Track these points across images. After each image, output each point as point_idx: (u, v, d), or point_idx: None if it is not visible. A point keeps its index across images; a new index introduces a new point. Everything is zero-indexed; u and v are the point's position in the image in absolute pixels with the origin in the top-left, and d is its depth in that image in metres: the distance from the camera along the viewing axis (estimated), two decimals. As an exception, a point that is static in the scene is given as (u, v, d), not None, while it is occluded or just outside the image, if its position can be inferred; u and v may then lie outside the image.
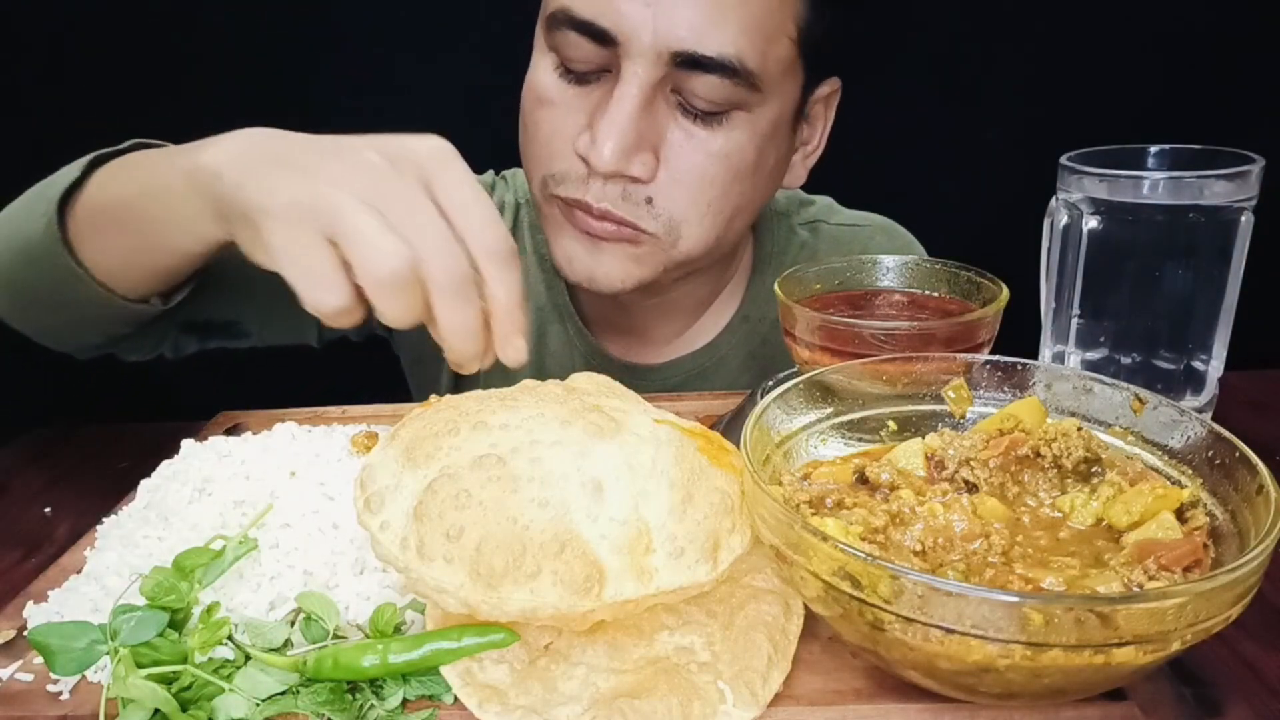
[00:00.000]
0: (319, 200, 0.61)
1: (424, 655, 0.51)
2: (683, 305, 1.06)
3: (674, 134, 0.84)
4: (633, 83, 0.80)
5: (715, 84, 0.81)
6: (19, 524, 0.77)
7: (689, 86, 0.82)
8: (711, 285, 1.06)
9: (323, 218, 0.61)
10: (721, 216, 0.89)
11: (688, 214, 0.87)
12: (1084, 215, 0.75)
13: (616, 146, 0.81)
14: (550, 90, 0.86)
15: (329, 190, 0.61)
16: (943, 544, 0.50)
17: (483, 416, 0.54)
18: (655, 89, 0.82)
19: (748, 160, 0.87)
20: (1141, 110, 1.45)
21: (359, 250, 0.60)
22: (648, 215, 0.87)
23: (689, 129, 0.84)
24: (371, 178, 0.63)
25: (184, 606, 0.56)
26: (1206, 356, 0.77)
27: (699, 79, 0.81)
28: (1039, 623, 0.41)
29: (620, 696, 0.48)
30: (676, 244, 0.89)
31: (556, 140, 0.87)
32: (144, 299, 0.84)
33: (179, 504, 0.65)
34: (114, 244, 0.80)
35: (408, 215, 0.61)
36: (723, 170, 0.86)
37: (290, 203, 0.62)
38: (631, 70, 0.80)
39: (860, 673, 0.52)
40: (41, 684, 0.55)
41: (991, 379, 0.63)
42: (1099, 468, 0.57)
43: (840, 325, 0.69)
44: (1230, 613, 0.43)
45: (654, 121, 0.83)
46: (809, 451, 0.62)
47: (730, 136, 0.85)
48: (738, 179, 0.88)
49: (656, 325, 1.07)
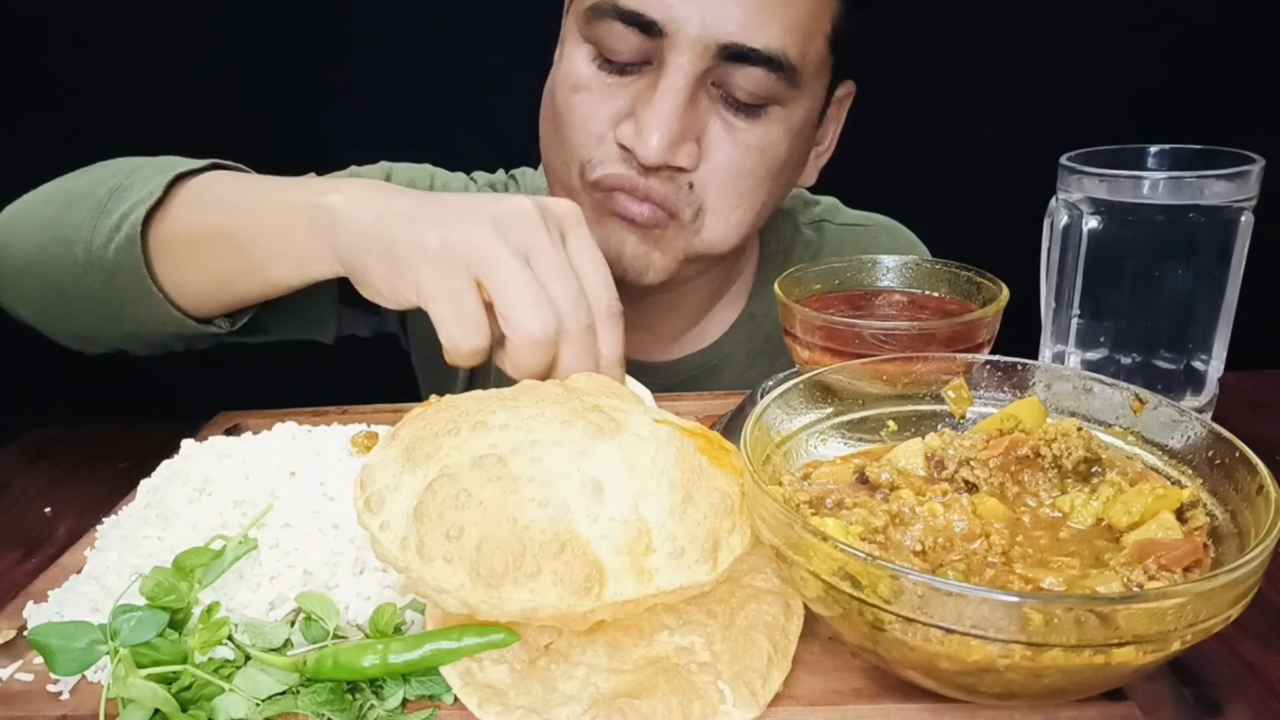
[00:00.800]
0: (474, 244, 0.66)
1: (424, 655, 0.51)
2: (691, 301, 1.06)
3: (715, 126, 0.85)
4: (679, 74, 0.81)
5: (759, 77, 0.82)
6: (19, 524, 0.77)
7: (732, 79, 0.83)
8: (719, 282, 1.07)
9: (476, 264, 0.66)
10: (750, 211, 0.91)
11: (718, 204, 0.88)
12: (1084, 215, 0.75)
13: (664, 138, 0.82)
14: (587, 78, 0.87)
15: (486, 235, 0.66)
16: (943, 544, 0.50)
17: (483, 416, 0.54)
18: (699, 81, 0.83)
19: (781, 155, 0.89)
20: (1141, 110, 1.45)
21: (513, 304, 0.65)
22: (685, 200, 0.88)
23: (730, 121, 0.86)
24: (524, 228, 0.67)
25: (184, 606, 0.56)
26: (1206, 356, 0.77)
27: (743, 71, 0.82)
28: (1039, 623, 0.41)
29: (620, 696, 0.48)
30: (700, 232, 0.90)
31: (594, 124, 0.87)
32: (210, 319, 0.85)
33: (179, 504, 0.65)
34: (201, 270, 0.81)
35: (554, 271, 0.67)
36: (759, 164, 0.88)
37: (444, 245, 0.66)
38: (678, 62, 0.81)
39: (860, 673, 0.52)
40: (41, 684, 0.55)
41: (991, 379, 0.63)
42: (1099, 468, 0.57)
43: (840, 325, 0.69)
44: (1230, 613, 0.43)
45: (697, 113, 0.85)
46: (809, 451, 0.62)
47: (768, 130, 0.87)
48: (770, 174, 0.89)
49: (665, 321, 1.07)
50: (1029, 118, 1.53)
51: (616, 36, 0.83)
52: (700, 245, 0.91)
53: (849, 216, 1.17)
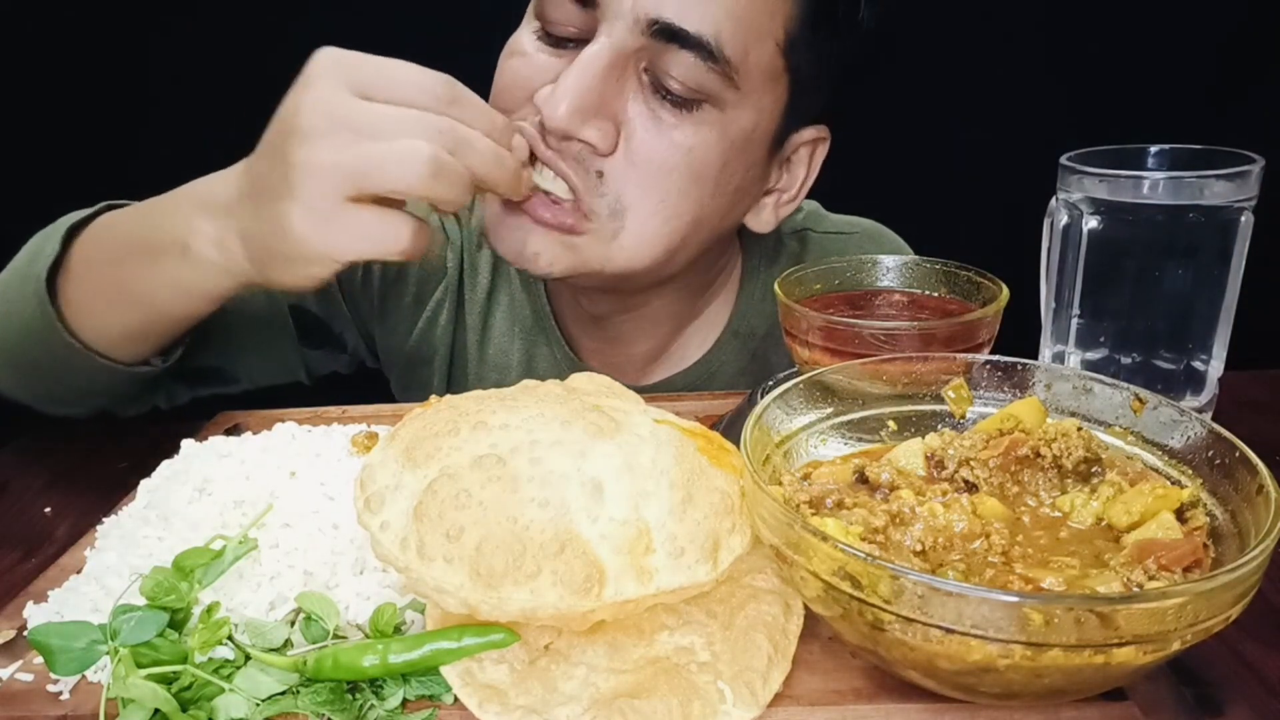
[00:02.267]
0: (325, 171, 0.66)
1: (424, 655, 0.51)
2: (661, 318, 1.02)
3: (639, 112, 0.80)
4: (604, 43, 0.77)
5: (690, 64, 0.78)
6: (19, 524, 0.77)
7: (663, 64, 0.78)
8: (690, 298, 1.03)
9: (344, 181, 0.66)
10: (672, 222, 0.84)
11: (637, 203, 0.82)
12: (1084, 215, 0.75)
13: (574, 102, 0.77)
14: (525, 48, 0.84)
15: (324, 158, 0.66)
16: (943, 544, 0.50)
17: (483, 416, 0.54)
18: (628, 59, 0.79)
19: (711, 163, 0.83)
20: (1141, 110, 1.45)
21: (391, 174, 0.65)
22: (594, 190, 0.81)
23: (656, 111, 0.80)
24: (322, 112, 0.66)
25: (184, 606, 0.56)
26: (1206, 356, 0.77)
27: (675, 56, 0.77)
28: (1039, 623, 0.41)
29: (620, 696, 0.48)
30: (619, 235, 0.83)
31: (517, 90, 0.83)
32: (144, 361, 0.87)
33: (179, 504, 0.65)
34: (109, 316, 0.83)
35: (390, 124, 0.66)
36: (683, 164, 0.81)
37: (307, 211, 0.67)
38: (607, 30, 0.77)
39: (860, 673, 0.52)
40: (41, 684, 0.55)
41: (991, 379, 0.63)
42: (1099, 468, 0.57)
43: (840, 325, 0.69)
44: (1230, 613, 0.43)
45: (620, 91, 0.79)
46: (809, 451, 0.62)
47: (698, 131, 0.81)
48: (697, 181, 0.83)
49: (636, 339, 1.03)
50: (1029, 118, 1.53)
51: (555, 5, 0.81)
52: (619, 255, 0.84)
53: (833, 223, 1.13)
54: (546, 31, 0.82)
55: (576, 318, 1.04)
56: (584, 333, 1.05)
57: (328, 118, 0.66)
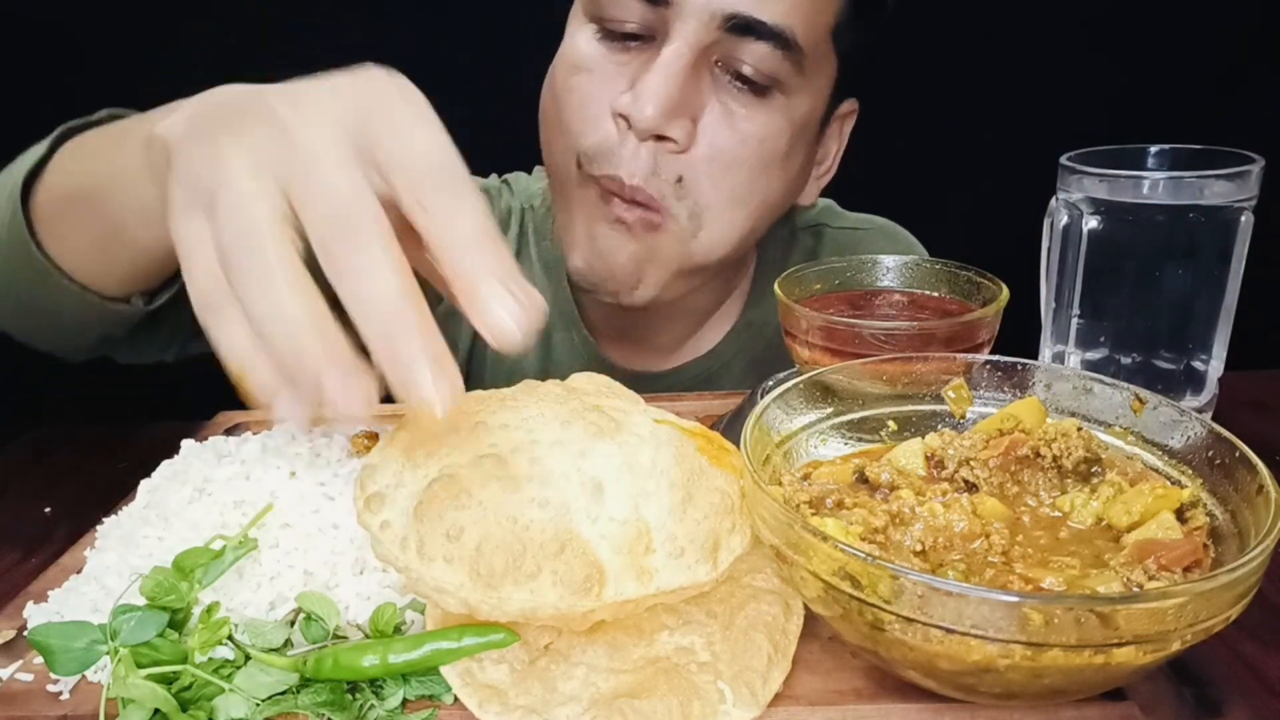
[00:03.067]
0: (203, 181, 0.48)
1: (424, 655, 0.51)
2: (690, 312, 1.05)
3: (713, 108, 0.83)
4: (682, 42, 0.80)
5: (765, 53, 0.81)
6: (19, 524, 0.77)
7: (738, 54, 0.81)
8: (718, 293, 1.06)
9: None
10: (744, 210, 0.88)
11: (713, 200, 0.86)
12: (1084, 215, 0.75)
13: (662, 103, 0.79)
14: (589, 56, 0.85)
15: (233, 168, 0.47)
16: (943, 544, 0.50)
17: (483, 416, 0.54)
18: (703, 54, 0.81)
19: (779, 149, 0.86)
20: (1141, 110, 1.45)
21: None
22: (674, 196, 0.85)
23: (729, 105, 0.84)
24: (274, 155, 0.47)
25: (184, 606, 0.56)
26: (1206, 356, 0.77)
27: (749, 46, 0.81)
28: (1039, 623, 0.41)
29: (620, 696, 0.48)
30: (697, 234, 0.87)
31: (592, 106, 0.85)
32: (124, 298, 0.77)
33: (179, 504, 0.65)
34: (79, 236, 0.73)
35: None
36: (755, 154, 0.85)
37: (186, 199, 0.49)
38: (682, 30, 0.80)
39: (860, 673, 0.52)
40: (41, 684, 0.55)
41: (991, 379, 0.63)
42: (1099, 468, 0.57)
43: (840, 325, 0.69)
44: (1230, 613, 0.43)
45: (697, 89, 0.83)
46: (809, 451, 0.62)
47: (769, 120, 0.85)
48: (766, 168, 0.87)
49: (662, 332, 1.06)
50: (1029, 118, 1.53)
51: (619, 5, 0.82)
52: (697, 252, 0.89)
53: (847, 220, 1.15)
54: (607, 30, 0.84)
55: (599, 308, 1.05)
56: (606, 323, 1.06)
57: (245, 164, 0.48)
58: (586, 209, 0.88)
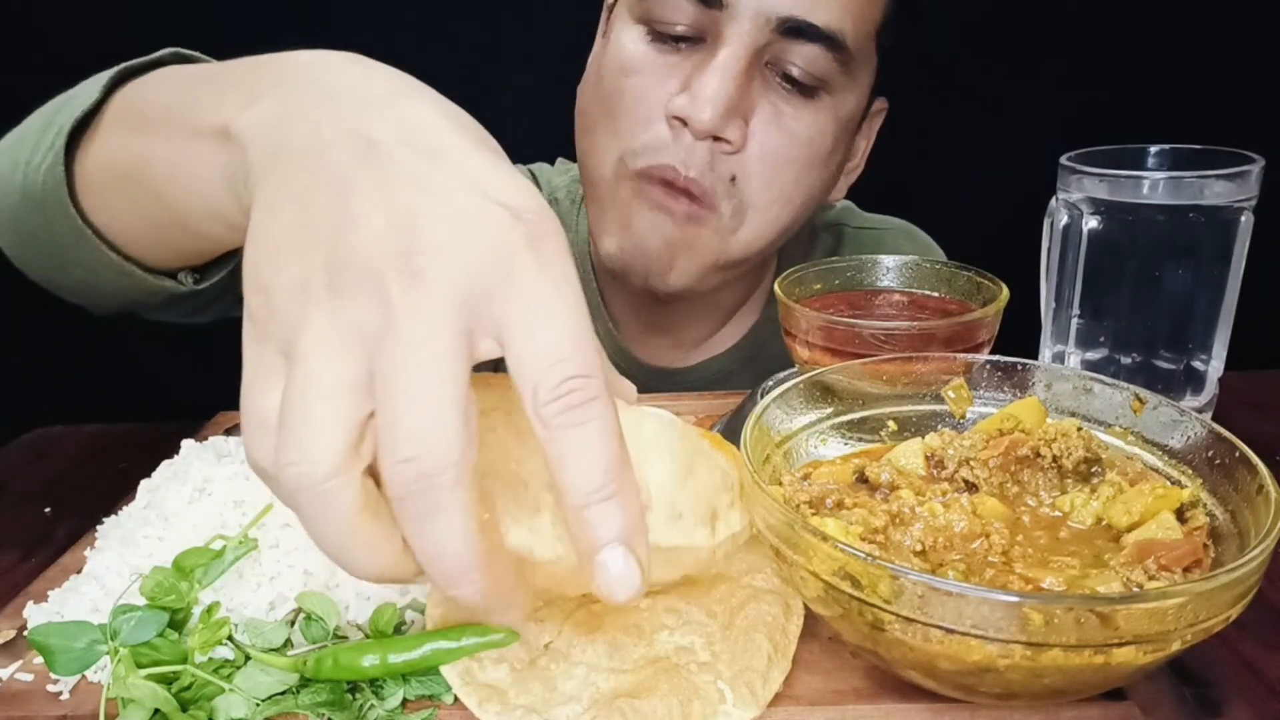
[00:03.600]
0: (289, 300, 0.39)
1: (424, 655, 0.51)
2: (713, 308, 1.05)
3: (763, 109, 0.85)
4: (738, 44, 0.81)
5: (816, 55, 0.82)
6: (19, 524, 0.77)
7: (789, 57, 0.83)
8: (742, 291, 1.06)
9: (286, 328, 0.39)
10: (788, 209, 0.90)
11: (759, 198, 0.87)
12: (1084, 215, 0.75)
13: (720, 105, 0.81)
14: (638, 58, 0.85)
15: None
16: (943, 544, 0.50)
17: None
18: (755, 56, 0.82)
19: (825, 148, 0.88)
20: (1141, 110, 1.45)
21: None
22: (725, 194, 0.86)
23: (778, 106, 0.85)
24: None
25: (184, 606, 0.56)
26: (1206, 356, 0.77)
27: (800, 49, 0.82)
28: (1039, 623, 0.41)
29: (620, 696, 0.48)
30: (737, 231, 0.89)
31: (643, 108, 0.85)
32: (171, 273, 0.70)
33: (179, 504, 0.65)
34: (129, 213, 0.64)
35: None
36: (804, 153, 0.87)
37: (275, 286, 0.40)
38: (736, 32, 0.81)
39: (860, 673, 0.52)
40: (41, 684, 0.55)
41: (991, 379, 0.63)
42: (1099, 468, 0.57)
43: (840, 325, 0.69)
44: (1230, 613, 0.43)
45: (749, 91, 0.84)
46: (809, 451, 0.62)
47: (816, 119, 0.86)
48: (813, 166, 0.89)
49: (685, 328, 1.06)
50: (1029, 118, 1.53)
51: (672, 7, 0.82)
52: (734, 247, 0.90)
53: (866, 220, 1.17)
54: (656, 33, 0.85)
55: (625, 302, 1.06)
56: (632, 317, 1.07)
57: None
58: (624, 199, 0.89)
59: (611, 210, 0.90)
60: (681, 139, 0.84)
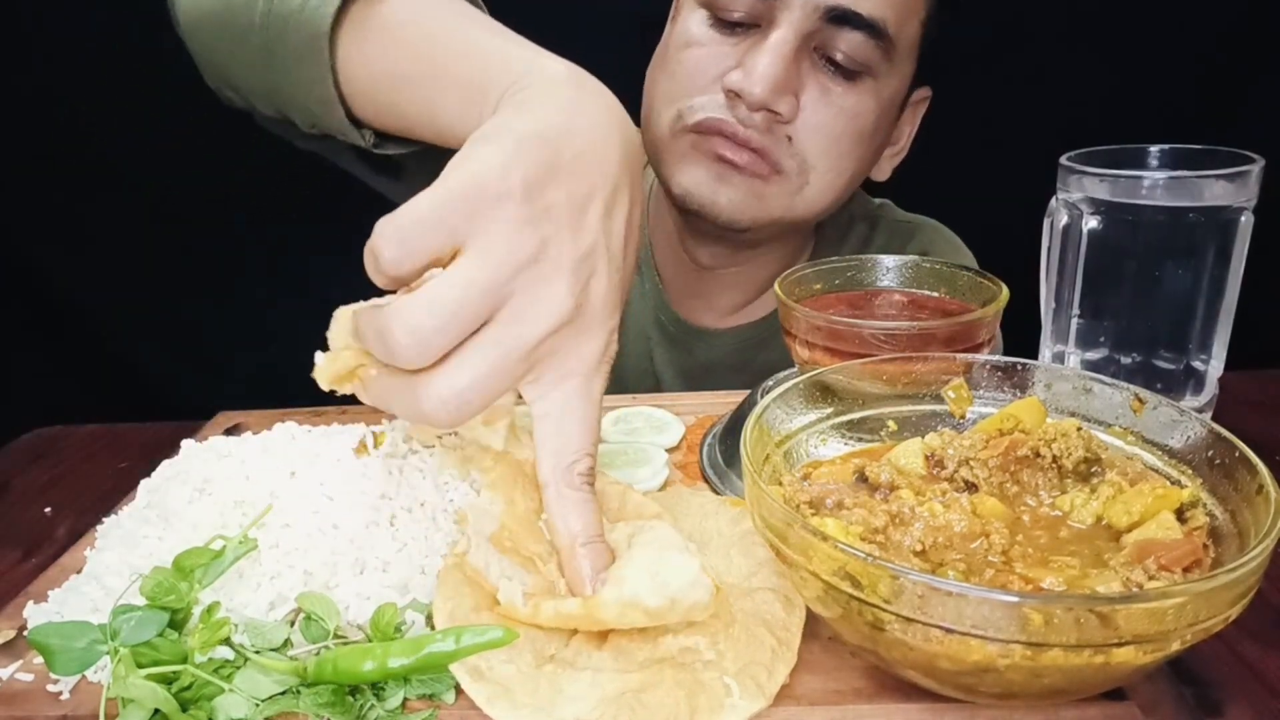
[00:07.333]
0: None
1: (422, 658, 0.51)
2: (754, 279, 1.11)
3: (812, 88, 0.92)
4: (789, 28, 0.88)
5: (859, 42, 0.89)
6: (19, 524, 0.77)
7: (834, 42, 0.90)
8: (777, 266, 1.10)
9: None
10: (842, 178, 0.97)
11: (819, 162, 0.94)
12: (1084, 215, 0.75)
13: (770, 81, 0.88)
14: (700, 36, 0.94)
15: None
16: (943, 544, 0.50)
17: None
18: (804, 40, 0.89)
19: (869, 125, 0.95)
20: (1141, 110, 1.45)
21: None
22: (786, 152, 0.93)
23: (826, 85, 0.92)
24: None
25: (184, 606, 0.56)
26: (1206, 356, 0.77)
27: (846, 35, 0.89)
28: (1039, 623, 0.41)
29: (626, 693, 0.48)
30: (804, 189, 0.95)
31: (700, 76, 0.93)
32: (367, 126, 0.78)
33: (179, 504, 0.65)
34: (377, 73, 0.73)
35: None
36: (851, 128, 0.94)
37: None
38: (788, 18, 0.88)
39: (860, 673, 0.52)
40: (41, 684, 0.55)
41: (991, 379, 0.63)
42: (1099, 468, 0.57)
43: (840, 325, 0.69)
44: (1230, 613, 0.43)
45: (799, 71, 0.91)
46: (809, 451, 0.62)
47: (860, 99, 0.93)
48: (859, 142, 0.96)
49: (725, 295, 1.13)
50: (1029, 118, 1.53)
51: None
52: (800, 205, 0.96)
53: (902, 215, 1.22)
54: (717, 18, 0.93)
55: (676, 263, 1.13)
56: (679, 276, 1.14)
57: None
58: (680, 156, 0.96)
59: (679, 160, 0.97)
60: (737, 109, 0.91)
